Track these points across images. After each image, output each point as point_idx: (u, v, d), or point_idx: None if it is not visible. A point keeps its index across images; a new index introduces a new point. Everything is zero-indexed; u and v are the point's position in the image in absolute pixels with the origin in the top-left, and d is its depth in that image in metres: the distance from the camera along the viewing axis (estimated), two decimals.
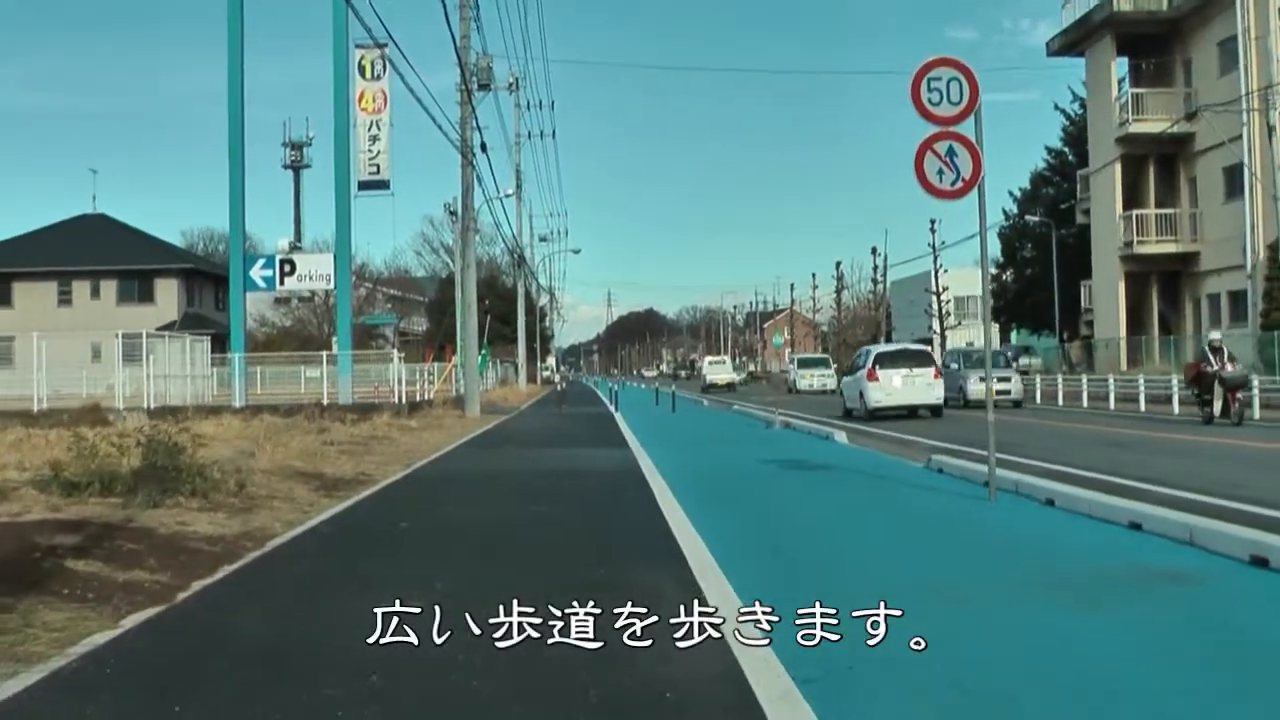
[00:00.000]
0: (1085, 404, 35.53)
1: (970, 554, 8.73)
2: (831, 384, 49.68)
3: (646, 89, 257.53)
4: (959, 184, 11.47)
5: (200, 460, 13.46)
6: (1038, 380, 41.42)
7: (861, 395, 30.03)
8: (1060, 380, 39.35)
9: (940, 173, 11.47)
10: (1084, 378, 37.47)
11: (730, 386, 68.03)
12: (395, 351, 38.49)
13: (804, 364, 56.20)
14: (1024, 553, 8.65)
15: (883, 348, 34.94)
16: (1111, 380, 35.33)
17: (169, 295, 65.12)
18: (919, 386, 29.51)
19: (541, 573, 7.88)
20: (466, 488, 14.49)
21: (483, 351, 52.43)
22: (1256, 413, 27.34)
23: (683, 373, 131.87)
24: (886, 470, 15.48)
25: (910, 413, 29.64)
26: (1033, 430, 23.13)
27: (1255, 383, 28.01)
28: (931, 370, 30.19)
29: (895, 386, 29.45)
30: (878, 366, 29.84)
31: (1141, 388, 32.26)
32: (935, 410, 30.06)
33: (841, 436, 21.54)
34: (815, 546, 9.19)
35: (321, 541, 9.99)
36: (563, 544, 9.40)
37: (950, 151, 11.46)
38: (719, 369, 74.39)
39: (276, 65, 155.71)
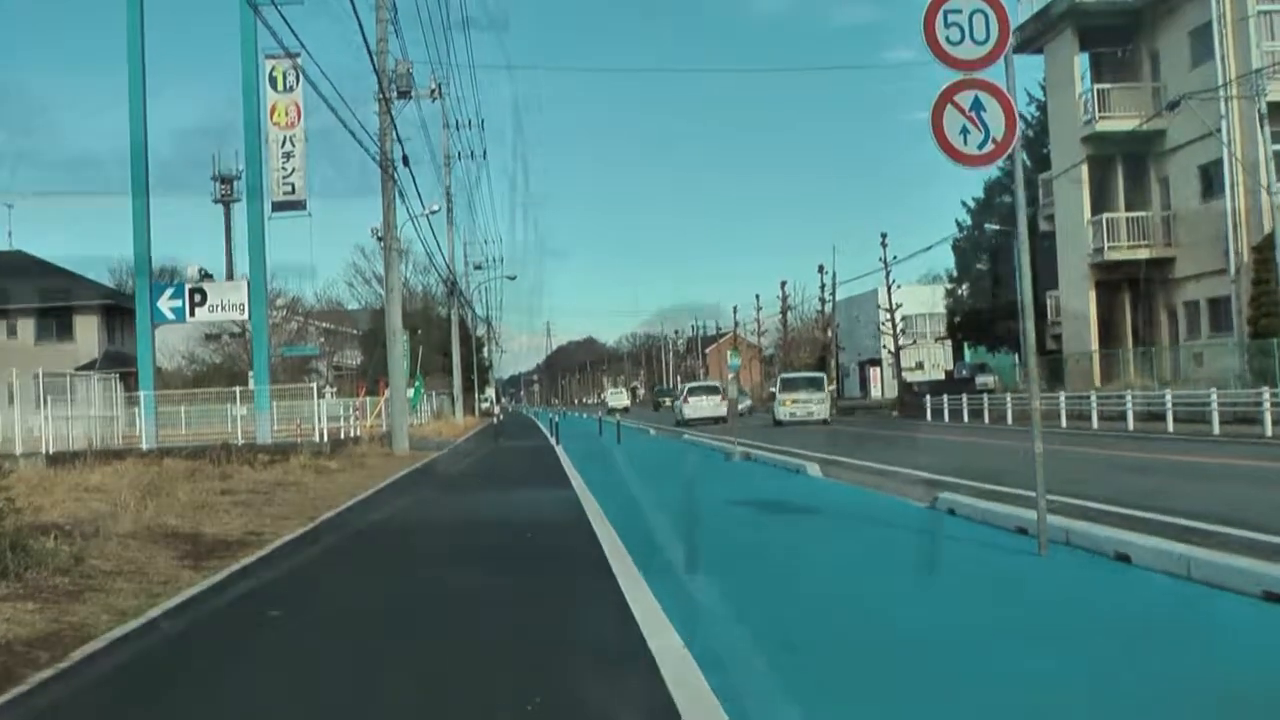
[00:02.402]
0: (1064, 423, 33.07)
1: (1075, 655, 5.97)
2: (821, 412, 43.80)
3: (581, 99, 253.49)
4: (989, 146, 8.94)
5: (33, 522, 10.75)
6: (1008, 399, 39.79)
7: (681, 410, 50.21)
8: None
9: (965, 132, 8.93)
10: (1061, 395, 34.98)
11: (626, 410, 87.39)
12: (316, 385, 35.27)
13: (788, 385, 46.24)
14: (1147, 647, 6.04)
15: (693, 384, 60.01)
16: (1094, 397, 32.90)
17: (89, 333, 61.91)
18: (711, 406, 47.95)
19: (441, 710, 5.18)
20: (370, 550, 11.76)
21: (416, 384, 49.55)
22: (1268, 429, 25.10)
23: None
24: (885, 513, 12.74)
25: (715, 421, 44.61)
26: (1026, 454, 20.57)
27: (1266, 397, 25.76)
28: (718, 397, 48.00)
29: (701, 405, 49.33)
30: (689, 395, 51.93)
31: (1130, 404, 29.80)
32: (721, 420, 43.24)
33: (814, 469, 18.81)
34: (836, 646, 6.40)
35: (149, 646, 7.28)
36: (479, 646, 6.63)
37: (976, 105, 8.93)
38: (618, 397, 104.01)
39: (210, 96, 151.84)
